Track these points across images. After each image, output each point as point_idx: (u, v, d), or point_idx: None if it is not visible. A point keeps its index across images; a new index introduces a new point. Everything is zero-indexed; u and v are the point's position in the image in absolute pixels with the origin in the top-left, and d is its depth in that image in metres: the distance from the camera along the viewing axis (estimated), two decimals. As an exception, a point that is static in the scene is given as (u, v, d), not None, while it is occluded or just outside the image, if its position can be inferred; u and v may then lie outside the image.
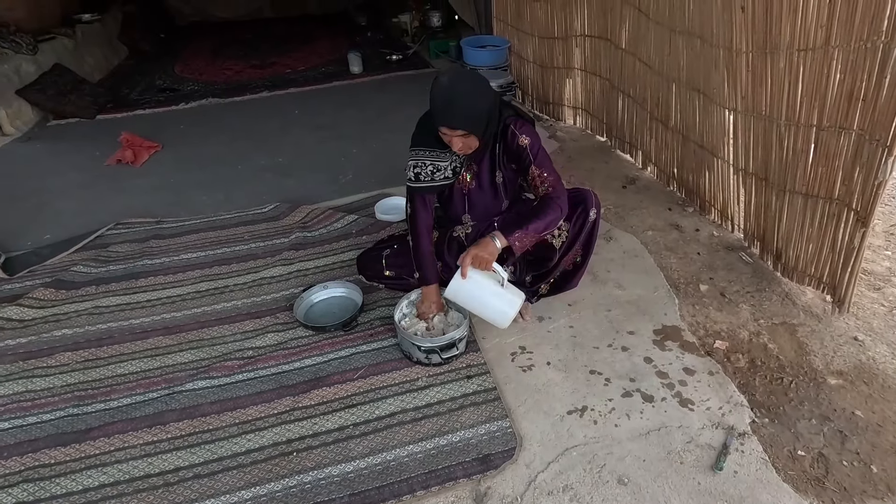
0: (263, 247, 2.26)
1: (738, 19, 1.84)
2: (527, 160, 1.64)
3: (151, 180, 2.96)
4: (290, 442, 1.44)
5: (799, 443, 1.41)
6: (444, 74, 1.55)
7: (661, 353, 1.68)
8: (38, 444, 1.46)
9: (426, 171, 1.67)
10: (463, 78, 1.55)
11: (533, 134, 1.65)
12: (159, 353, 1.75)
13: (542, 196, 1.63)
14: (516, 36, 3.55)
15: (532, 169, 1.63)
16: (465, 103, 1.50)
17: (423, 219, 1.70)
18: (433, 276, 1.71)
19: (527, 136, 1.63)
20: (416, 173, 1.68)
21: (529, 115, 1.73)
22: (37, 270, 2.18)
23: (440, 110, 1.51)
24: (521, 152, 1.64)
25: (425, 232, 1.71)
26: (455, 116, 1.50)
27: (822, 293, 1.84)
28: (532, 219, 1.57)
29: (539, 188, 1.64)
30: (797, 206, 1.81)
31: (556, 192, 1.62)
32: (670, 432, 1.44)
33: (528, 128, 1.66)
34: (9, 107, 3.58)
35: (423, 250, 1.70)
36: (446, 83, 1.50)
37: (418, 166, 1.67)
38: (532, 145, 1.63)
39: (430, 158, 1.66)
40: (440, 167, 1.67)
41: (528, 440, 1.43)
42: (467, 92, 1.50)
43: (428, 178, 1.67)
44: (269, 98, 4.11)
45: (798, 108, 1.70)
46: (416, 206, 1.70)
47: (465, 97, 1.50)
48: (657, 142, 2.56)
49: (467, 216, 1.82)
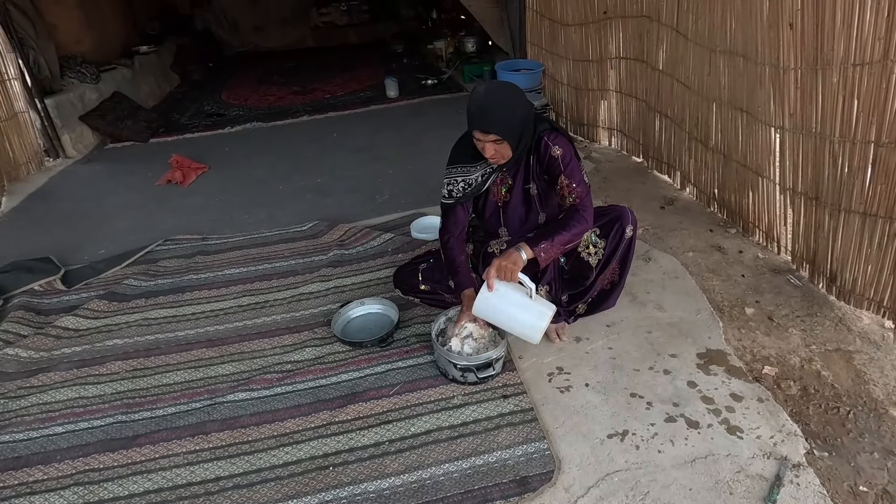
0: (303, 263, 2.32)
1: (785, 36, 1.81)
2: (557, 170, 1.64)
3: (198, 199, 3.10)
4: (326, 456, 1.44)
5: (860, 478, 1.31)
6: (482, 84, 1.62)
7: (706, 377, 1.62)
8: (88, 448, 1.51)
9: (458, 188, 1.72)
10: (499, 87, 1.62)
11: (566, 145, 1.66)
12: (202, 365, 1.80)
13: (569, 207, 1.63)
14: (550, 59, 3.58)
15: (561, 178, 1.64)
16: (500, 110, 1.53)
17: (454, 231, 1.74)
18: (469, 279, 1.70)
19: (559, 146, 1.65)
20: (448, 191, 1.74)
21: (564, 129, 1.75)
22: (92, 283, 2.30)
23: (475, 114, 1.54)
24: (553, 163, 1.65)
25: (456, 243, 1.73)
26: (488, 121, 1.53)
27: (882, 318, 1.73)
28: (559, 230, 1.57)
29: (566, 198, 1.64)
30: (854, 226, 1.73)
31: (582, 203, 1.62)
32: (718, 461, 1.37)
33: (561, 139, 1.66)
34: (72, 131, 3.84)
35: (455, 258, 1.72)
36: (482, 90, 1.57)
37: (451, 183, 1.74)
38: (564, 156, 1.64)
39: (461, 174, 1.71)
40: (469, 180, 1.71)
41: (566, 463, 1.39)
42: (502, 99, 1.55)
43: (459, 193, 1.72)
44: (309, 122, 4.27)
45: (854, 125, 1.64)
46: (447, 220, 1.76)
47: (501, 104, 1.54)
48: (696, 162, 2.51)
49: (504, 230, 1.82)
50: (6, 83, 3.43)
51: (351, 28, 7.18)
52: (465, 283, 1.70)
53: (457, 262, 1.72)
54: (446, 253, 1.74)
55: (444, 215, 1.77)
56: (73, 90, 3.94)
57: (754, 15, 1.93)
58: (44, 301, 2.19)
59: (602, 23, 2.97)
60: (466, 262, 1.75)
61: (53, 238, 2.74)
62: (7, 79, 3.43)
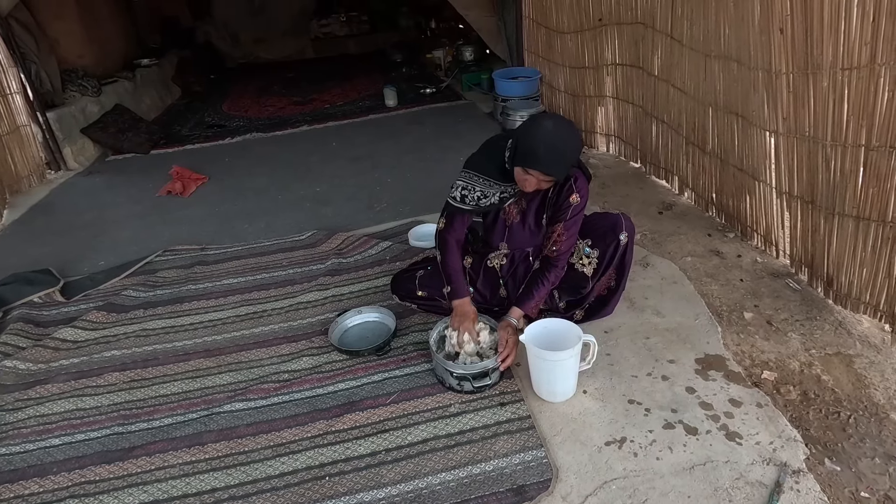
0: (301, 273, 2.33)
1: (776, 41, 1.81)
2: (563, 215, 1.66)
3: (198, 210, 3.11)
4: (322, 466, 1.44)
5: (862, 483, 1.30)
6: (546, 118, 1.55)
7: (705, 383, 1.61)
8: (84, 460, 1.51)
9: (473, 196, 1.68)
10: (566, 126, 1.55)
11: (585, 194, 1.67)
12: (200, 375, 1.80)
13: (544, 258, 1.71)
14: (547, 67, 3.60)
15: (560, 226, 1.67)
16: (568, 154, 1.51)
17: (454, 234, 1.73)
18: (463, 288, 1.70)
19: (580, 195, 1.65)
20: (462, 195, 1.68)
21: (589, 171, 1.74)
22: (91, 294, 2.31)
23: (541, 156, 1.48)
24: (566, 208, 1.66)
25: (455, 247, 1.72)
26: (555, 165, 1.51)
27: (880, 322, 1.72)
28: (539, 285, 1.70)
29: (549, 244, 1.69)
30: (848, 230, 1.73)
31: (558, 256, 1.69)
32: (717, 467, 1.36)
33: (584, 186, 1.67)
34: (74, 144, 3.88)
35: (451, 264, 1.71)
36: (552, 129, 1.49)
37: (467, 189, 1.68)
38: (577, 207, 1.66)
39: (482, 186, 1.67)
40: (487, 195, 1.68)
41: (564, 471, 1.37)
42: (571, 142, 1.52)
43: (473, 202, 1.68)
44: (308, 131, 4.30)
45: (845, 128, 1.64)
46: (450, 223, 1.73)
47: (569, 148, 1.51)
48: (694, 167, 2.52)
49: (504, 245, 1.82)
50: (8, 97, 3.47)
51: (350, 38, 7.24)
52: (460, 293, 1.70)
53: (454, 268, 1.71)
54: (446, 256, 1.72)
55: (449, 218, 1.73)
56: (74, 103, 3.98)
57: (746, 20, 1.94)
58: (43, 313, 2.20)
59: (598, 30, 2.99)
60: (463, 269, 1.74)
61: (54, 250, 2.75)
62: (9, 93, 3.47)
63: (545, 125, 1.51)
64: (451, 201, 1.71)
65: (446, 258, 1.72)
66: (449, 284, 1.72)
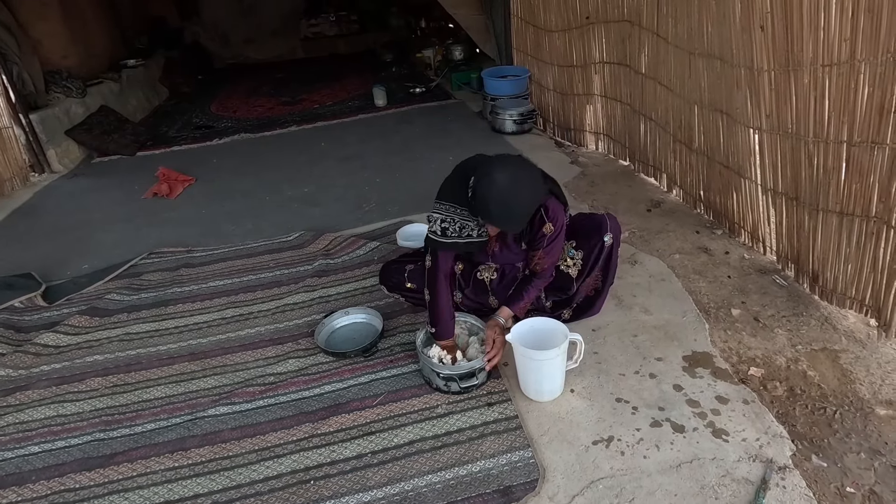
0: (288, 274, 2.30)
1: (757, 38, 1.82)
2: (539, 245, 1.66)
3: (185, 212, 3.08)
4: (307, 470, 1.42)
5: (847, 478, 1.30)
6: (501, 172, 1.45)
7: (692, 380, 1.61)
8: (64, 468, 1.48)
9: (454, 228, 1.61)
10: (520, 179, 1.47)
11: (560, 219, 1.64)
12: (184, 379, 1.77)
13: (532, 270, 1.73)
14: (536, 65, 3.60)
15: (539, 252, 1.67)
16: (521, 212, 1.49)
17: (443, 270, 1.67)
18: (448, 332, 1.68)
19: (553, 223, 1.62)
20: (443, 228, 1.62)
21: (563, 195, 1.71)
22: (74, 299, 2.27)
23: (493, 215, 1.48)
24: (541, 238, 1.65)
25: (445, 285, 1.67)
26: (511, 223, 1.52)
27: (866, 317, 1.73)
28: (527, 288, 1.73)
29: (532, 265, 1.71)
30: (832, 226, 1.74)
31: (543, 273, 1.72)
32: (703, 465, 1.35)
33: (558, 211, 1.63)
34: (58, 146, 3.83)
35: (441, 305, 1.65)
36: (504, 187, 1.43)
37: (447, 221, 1.61)
38: (550, 236, 1.64)
39: (460, 217, 1.61)
40: (467, 226, 1.62)
41: (551, 471, 1.37)
42: (525, 197, 1.47)
43: (455, 234, 1.62)
44: (297, 132, 4.27)
45: (826, 125, 1.65)
46: (437, 262, 1.66)
47: (522, 205, 1.48)
48: (682, 164, 2.52)
49: (491, 262, 1.82)
50: (-10, 99, 3.42)
51: (340, 38, 7.21)
52: (445, 335, 1.67)
53: (443, 310, 1.65)
54: (436, 297, 1.66)
55: (434, 254, 1.66)
56: (58, 105, 3.93)
57: (728, 18, 1.94)
58: (24, 318, 2.16)
59: (585, 28, 2.99)
60: (451, 311, 1.68)
61: (37, 253, 2.71)
62: (-9, 95, 3.42)
63: (497, 181, 1.44)
64: (433, 236, 1.64)
65: (436, 299, 1.66)
66: (434, 325, 1.67)
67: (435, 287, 1.67)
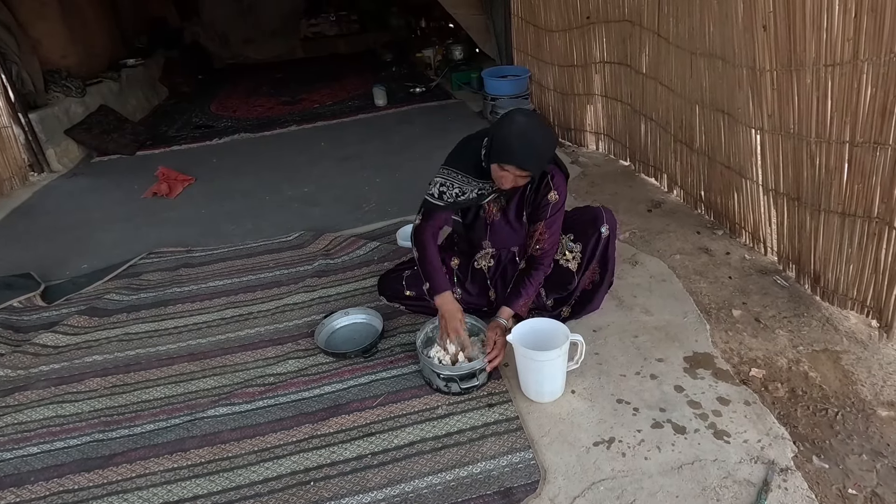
0: (287, 274, 2.30)
1: (760, 38, 1.81)
2: (543, 214, 1.66)
3: (184, 211, 3.07)
4: (307, 471, 1.41)
5: (849, 480, 1.30)
6: (519, 114, 1.53)
7: (693, 381, 1.60)
8: (63, 469, 1.48)
9: (451, 193, 1.66)
10: (538, 121, 1.55)
11: (563, 191, 1.67)
12: (183, 380, 1.77)
13: (529, 257, 1.71)
14: (536, 65, 3.59)
15: (541, 225, 1.66)
16: (542, 148, 1.50)
17: (431, 230, 1.71)
18: (444, 282, 1.68)
19: (557, 192, 1.65)
20: (440, 191, 1.66)
21: (566, 168, 1.73)
22: (73, 299, 2.27)
23: (516, 150, 1.48)
24: (544, 206, 1.65)
25: (432, 242, 1.71)
26: (530, 159, 1.50)
27: (867, 318, 1.73)
28: (526, 284, 1.69)
29: (533, 243, 1.69)
30: (834, 226, 1.73)
31: (543, 255, 1.69)
32: (705, 466, 1.35)
33: (562, 183, 1.67)
34: (57, 146, 3.82)
35: (430, 260, 1.69)
36: (524, 124, 1.49)
37: (445, 185, 1.66)
38: (556, 204, 1.65)
39: (459, 183, 1.66)
40: (465, 191, 1.66)
41: (552, 473, 1.36)
42: (544, 136, 1.52)
43: (451, 199, 1.66)
44: (297, 132, 4.26)
45: (828, 125, 1.64)
46: (427, 219, 1.71)
47: (543, 142, 1.51)
48: (682, 164, 2.52)
49: (487, 242, 1.81)
50: (-11, 99, 3.41)
51: (340, 38, 7.20)
52: (440, 287, 1.67)
53: (433, 264, 1.69)
54: (424, 252, 1.70)
55: (426, 215, 1.72)
56: (58, 104, 3.92)
57: (730, 17, 1.93)
58: (23, 318, 2.15)
59: (585, 28, 2.98)
60: (441, 264, 1.72)
61: (36, 253, 2.70)
62: (-10, 94, 3.41)
63: (518, 120, 1.51)
64: (429, 198, 1.68)
65: (424, 254, 1.70)
66: (427, 280, 1.69)
67: (422, 243, 1.69)
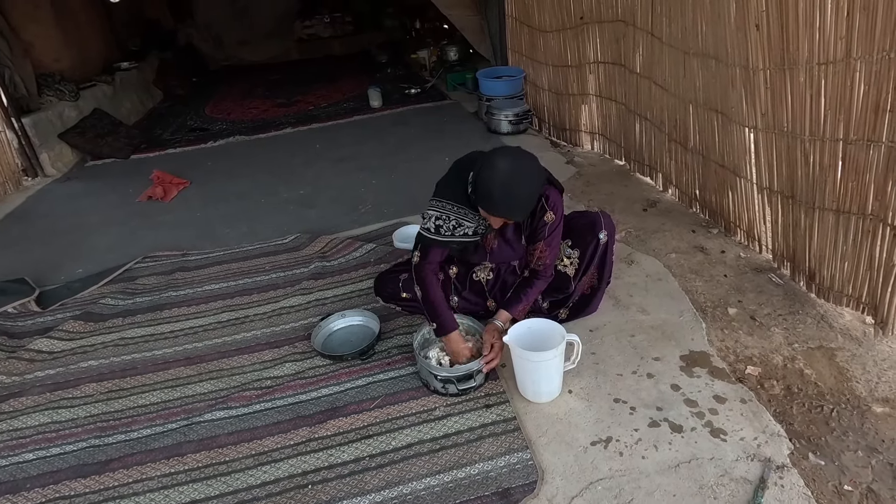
0: (284, 277, 2.29)
1: (752, 37, 1.82)
2: (541, 234, 1.65)
3: (180, 215, 3.06)
4: (305, 474, 1.41)
5: (845, 476, 1.30)
6: (502, 159, 1.46)
7: (689, 379, 1.60)
8: (59, 475, 1.47)
9: (448, 226, 1.60)
10: (521, 166, 1.47)
11: (560, 208, 1.64)
12: (179, 384, 1.76)
13: (532, 270, 1.71)
14: (531, 66, 3.60)
15: (541, 244, 1.66)
16: (525, 197, 1.47)
17: (431, 267, 1.67)
18: (451, 322, 1.64)
19: (553, 212, 1.62)
20: (437, 225, 1.60)
21: (559, 183, 1.69)
22: (68, 304, 2.25)
23: (498, 202, 1.45)
24: (541, 227, 1.64)
25: (434, 280, 1.67)
26: (515, 210, 1.49)
27: (862, 314, 1.74)
28: (526, 289, 1.70)
29: (533, 260, 1.69)
30: (828, 224, 1.74)
31: (544, 271, 1.70)
32: (702, 465, 1.35)
33: (558, 200, 1.64)
34: (51, 150, 3.80)
35: (433, 298, 1.64)
36: (507, 173, 1.43)
37: (441, 219, 1.60)
38: (552, 224, 1.63)
39: (456, 214, 1.60)
40: (463, 224, 1.61)
41: (550, 473, 1.36)
42: (527, 184, 1.46)
43: (448, 232, 1.61)
44: (292, 134, 4.26)
45: (822, 123, 1.65)
46: (425, 256, 1.65)
47: (526, 191, 1.46)
48: (677, 163, 2.52)
49: (487, 262, 1.80)
50: (-19, 103, 3.39)
51: (335, 40, 7.20)
52: (447, 327, 1.63)
53: (437, 302, 1.64)
54: (427, 291, 1.65)
55: (424, 252, 1.65)
56: (51, 108, 3.90)
57: (723, 17, 1.94)
58: (17, 323, 2.14)
59: (579, 28, 2.99)
60: (444, 300, 1.67)
61: (30, 258, 2.69)
62: (-18, 99, 3.39)
63: (500, 168, 1.44)
64: (425, 233, 1.62)
65: (427, 293, 1.64)
66: (434, 321, 1.63)
67: (424, 281, 1.65)
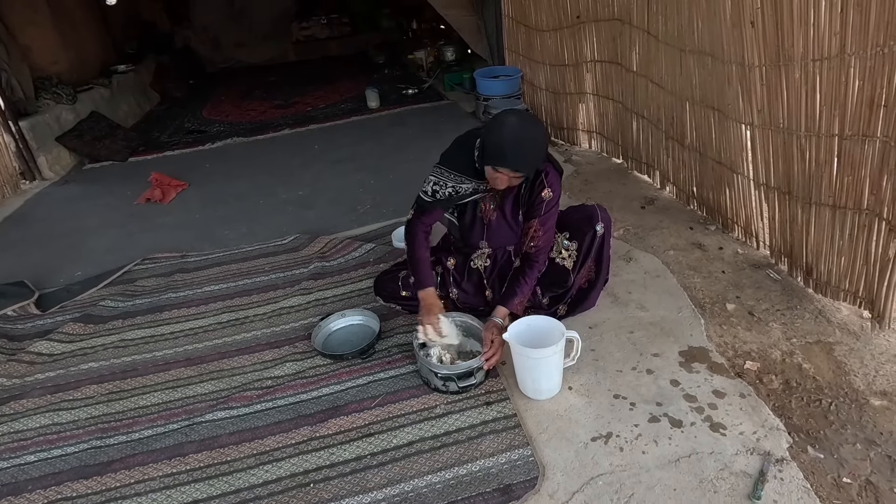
0: (283, 277, 2.30)
1: (748, 34, 1.83)
2: (537, 212, 1.67)
3: (178, 217, 3.06)
4: (307, 473, 1.41)
5: (844, 469, 1.31)
6: (510, 115, 1.54)
7: (689, 375, 1.61)
8: (61, 476, 1.47)
9: (444, 192, 1.69)
10: (530, 121, 1.56)
11: (557, 189, 1.69)
12: (180, 385, 1.76)
13: (524, 255, 1.72)
14: (528, 65, 3.61)
15: (536, 222, 1.68)
16: (534, 149, 1.51)
17: (422, 226, 1.73)
18: (428, 279, 1.72)
19: (552, 189, 1.66)
20: (433, 190, 1.70)
21: (559, 165, 1.75)
22: (67, 306, 2.25)
23: (508, 153, 1.49)
24: (539, 204, 1.67)
25: (423, 237, 1.73)
26: (523, 161, 1.52)
27: (859, 308, 1.75)
28: (521, 282, 1.71)
29: (527, 240, 1.70)
30: (825, 219, 1.75)
31: (537, 252, 1.70)
32: (702, 459, 1.36)
33: (556, 181, 1.68)
34: (49, 153, 3.80)
35: (418, 254, 1.71)
36: (516, 126, 1.50)
37: (439, 184, 1.69)
38: (550, 202, 1.66)
39: (453, 182, 1.68)
40: (459, 190, 1.69)
41: (550, 469, 1.37)
42: (536, 137, 1.52)
43: (443, 197, 1.70)
44: (290, 135, 4.26)
45: (818, 119, 1.66)
46: (419, 215, 1.73)
47: (534, 143, 1.52)
48: (674, 161, 2.53)
49: (484, 243, 1.83)
50: (-22, 107, 3.39)
51: (332, 41, 7.20)
52: (425, 282, 1.71)
53: (421, 259, 1.72)
54: (413, 247, 1.73)
55: (419, 210, 1.74)
56: (48, 111, 3.90)
57: (718, 14, 1.95)
58: (17, 326, 2.14)
59: (576, 27, 3.00)
60: (429, 259, 1.75)
61: (29, 262, 2.69)
62: (-21, 102, 3.39)
63: (510, 122, 1.51)
64: (423, 195, 1.71)
65: (414, 249, 1.72)
66: (414, 275, 1.73)
67: (414, 238, 1.72)
